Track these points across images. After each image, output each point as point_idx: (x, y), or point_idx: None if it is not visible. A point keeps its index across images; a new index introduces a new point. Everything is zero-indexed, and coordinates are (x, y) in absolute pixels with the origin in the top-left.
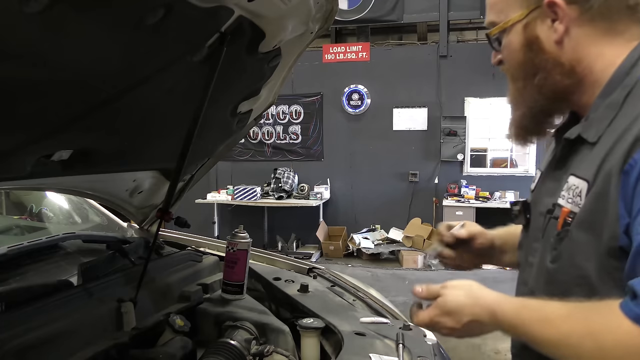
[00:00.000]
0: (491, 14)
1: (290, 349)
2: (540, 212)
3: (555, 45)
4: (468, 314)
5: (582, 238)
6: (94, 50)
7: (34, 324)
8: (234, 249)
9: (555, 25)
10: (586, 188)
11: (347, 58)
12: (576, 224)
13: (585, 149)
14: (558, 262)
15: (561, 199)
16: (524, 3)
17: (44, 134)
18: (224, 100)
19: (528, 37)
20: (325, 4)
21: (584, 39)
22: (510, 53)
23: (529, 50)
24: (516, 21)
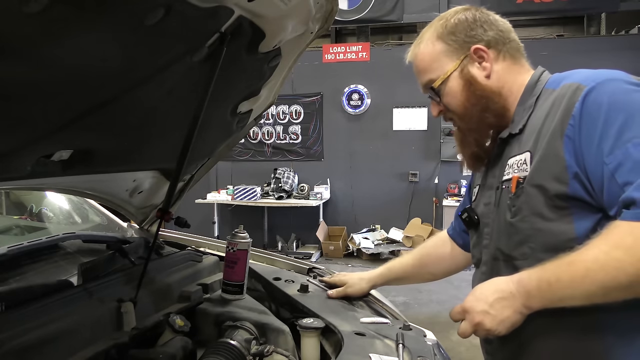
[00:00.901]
0: (426, 75)
1: (290, 349)
2: (485, 203)
3: (486, 79)
4: (493, 291)
5: (534, 190)
6: (93, 50)
7: (34, 324)
8: (234, 249)
9: (483, 64)
10: (529, 156)
11: (347, 58)
12: (529, 181)
13: (515, 139)
14: (519, 215)
15: (506, 176)
16: (453, 56)
17: (44, 134)
18: (224, 100)
19: (466, 78)
20: (325, 4)
21: (502, 71)
22: (454, 95)
23: (470, 87)
24: (452, 70)
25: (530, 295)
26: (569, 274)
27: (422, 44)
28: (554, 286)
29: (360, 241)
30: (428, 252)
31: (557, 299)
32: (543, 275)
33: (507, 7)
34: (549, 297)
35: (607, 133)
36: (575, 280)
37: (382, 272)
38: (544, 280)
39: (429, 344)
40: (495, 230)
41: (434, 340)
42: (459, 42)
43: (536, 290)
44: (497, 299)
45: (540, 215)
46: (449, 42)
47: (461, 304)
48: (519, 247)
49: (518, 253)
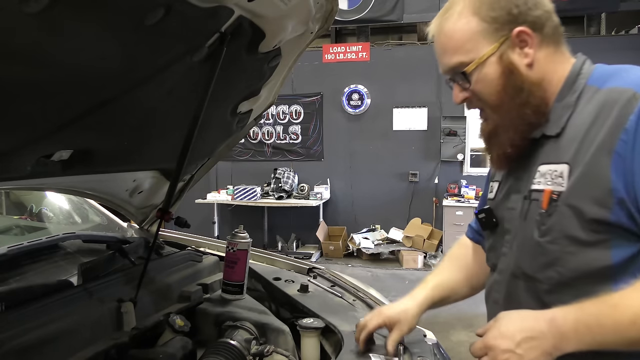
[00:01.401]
0: (456, 56)
1: (290, 349)
2: (509, 207)
3: (527, 68)
4: (522, 329)
5: (570, 211)
6: (94, 50)
7: (34, 324)
8: (234, 249)
9: (526, 50)
10: (567, 169)
11: (347, 58)
12: (564, 199)
13: (551, 142)
14: (549, 235)
15: (537, 185)
16: (492, 38)
17: (44, 134)
18: (224, 100)
19: (506, 65)
20: (325, 4)
21: (544, 59)
22: (489, 83)
23: (509, 76)
24: (489, 55)
25: (565, 337)
26: (612, 319)
27: (453, 19)
28: (594, 330)
29: (360, 241)
30: (467, 264)
31: (596, 343)
32: (581, 317)
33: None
34: (587, 341)
35: None
36: (620, 326)
37: (427, 295)
38: (582, 323)
39: (429, 344)
40: (518, 244)
41: (434, 340)
42: (499, 21)
43: (573, 332)
44: (525, 338)
45: (574, 238)
46: (487, 20)
47: (483, 338)
48: (545, 270)
49: (543, 276)
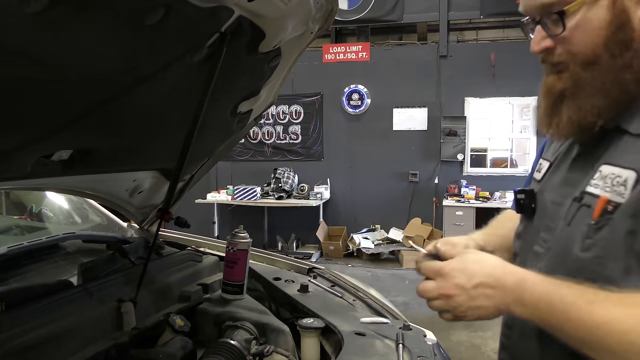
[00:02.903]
0: None
1: (290, 349)
2: (554, 201)
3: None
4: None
5: (624, 228)
6: (94, 50)
7: (34, 324)
8: (234, 249)
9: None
10: (634, 178)
11: (347, 58)
12: (621, 213)
13: (625, 140)
14: (592, 251)
15: (593, 188)
16: None
17: (44, 134)
18: (224, 100)
19: (618, 12)
20: (325, 4)
21: None
22: (589, 32)
23: (619, 27)
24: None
25: (523, 303)
26: (579, 314)
27: None
28: (554, 313)
29: (360, 241)
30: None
31: (549, 324)
32: (550, 294)
33: (508, 7)
34: (542, 317)
35: None
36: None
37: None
38: (547, 299)
39: (429, 344)
40: (556, 252)
41: (434, 340)
42: None
43: (533, 302)
44: (484, 283)
45: (619, 262)
46: None
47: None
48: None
49: None
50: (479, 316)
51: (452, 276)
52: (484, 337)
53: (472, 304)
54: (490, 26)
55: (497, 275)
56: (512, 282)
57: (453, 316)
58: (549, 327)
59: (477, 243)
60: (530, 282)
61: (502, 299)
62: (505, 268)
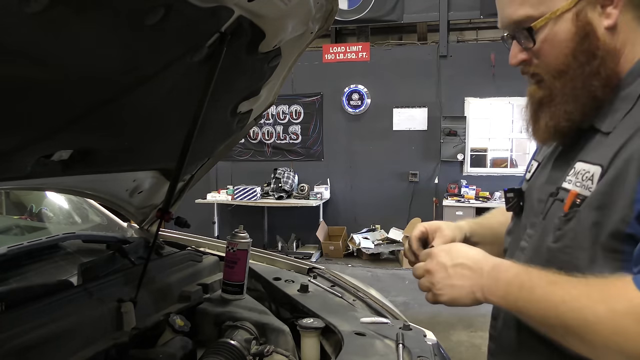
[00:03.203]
0: (523, 8)
1: (290, 349)
2: (539, 198)
3: (607, 32)
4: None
5: (590, 219)
6: (94, 50)
7: (34, 324)
8: (234, 249)
9: (609, 10)
10: (599, 172)
11: (347, 58)
12: (586, 205)
13: (597, 138)
14: (561, 242)
15: (567, 183)
16: None
17: (44, 134)
18: (224, 100)
19: (581, 24)
20: (325, 4)
21: (627, 25)
22: (557, 44)
23: (584, 38)
24: (565, 10)
25: (496, 286)
26: (542, 293)
27: None
28: (522, 294)
29: (360, 241)
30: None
31: (516, 306)
32: (520, 276)
33: None
34: (511, 301)
35: None
36: (545, 302)
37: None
38: (517, 281)
39: (429, 344)
40: (535, 245)
41: (434, 340)
42: None
43: (504, 285)
44: (463, 264)
45: (586, 251)
46: None
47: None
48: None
49: None
50: (453, 296)
51: (438, 255)
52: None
53: (449, 281)
54: (490, 26)
55: (476, 258)
56: (488, 266)
57: (432, 295)
58: (518, 311)
59: (463, 232)
60: (504, 266)
61: (477, 280)
62: (486, 255)
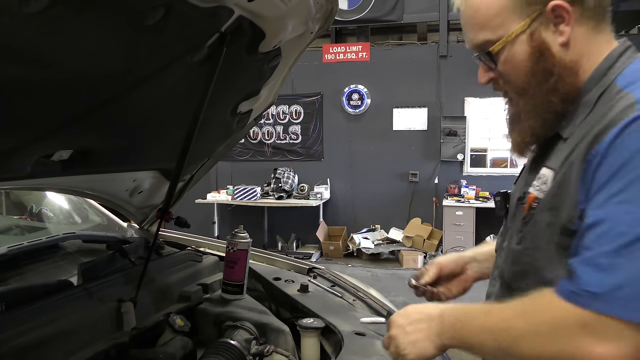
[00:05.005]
0: (482, 33)
1: (290, 349)
2: (514, 202)
3: (562, 49)
4: (418, 312)
5: (544, 220)
6: (94, 50)
7: (34, 324)
8: (234, 249)
9: (561, 27)
10: (552, 176)
11: (347, 58)
12: (540, 208)
13: (559, 144)
14: (522, 244)
15: (532, 188)
16: (523, 13)
17: (44, 134)
18: (224, 100)
19: (536, 44)
20: (325, 4)
21: (581, 38)
22: (516, 65)
23: (539, 58)
24: (519, 32)
25: (445, 329)
26: (478, 322)
27: None
28: (464, 330)
29: (360, 241)
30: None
31: (465, 344)
32: (461, 315)
33: None
34: (458, 338)
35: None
36: (480, 330)
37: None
38: (459, 320)
39: None
40: (506, 248)
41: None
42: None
43: (450, 327)
44: (418, 319)
45: (543, 251)
46: None
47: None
48: (518, 279)
49: (516, 285)
50: (418, 352)
51: (396, 321)
52: None
53: (409, 339)
54: None
55: (427, 311)
56: (436, 313)
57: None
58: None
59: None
60: (448, 310)
61: (430, 328)
62: (437, 305)
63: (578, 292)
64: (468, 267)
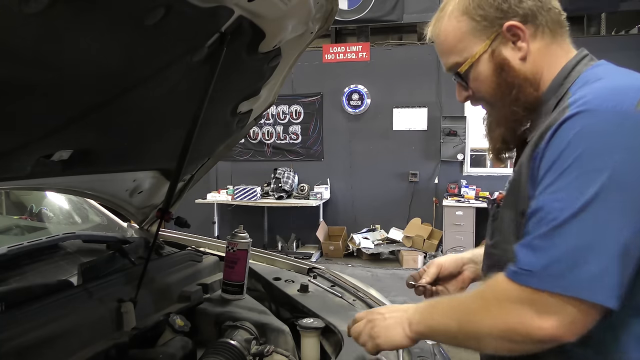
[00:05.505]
0: (451, 57)
1: (290, 349)
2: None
3: (520, 62)
4: (392, 309)
5: (507, 216)
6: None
7: (34, 324)
8: (234, 249)
9: (519, 44)
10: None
11: (347, 58)
12: (504, 205)
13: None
14: (493, 239)
15: (503, 189)
16: (483, 36)
17: (44, 134)
18: (224, 100)
19: (497, 61)
20: (325, 4)
21: (538, 53)
22: (483, 81)
23: (501, 72)
24: (482, 52)
25: (415, 314)
26: (443, 306)
27: (445, 20)
28: (432, 313)
29: (360, 241)
30: None
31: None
32: (432, 301)
33: None
34: (425, 323)
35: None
36: (446, 312)
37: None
38: (429, 305)
39: (429, 343)
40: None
41: None
42: (488, 19)
43: (420, 312)
44: (394, 309)
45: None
46: (476, 19)
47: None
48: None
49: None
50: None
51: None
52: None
53: (384, 323)
54: None
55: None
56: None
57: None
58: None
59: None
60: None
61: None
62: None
63: (518, 271)
64: (465, 268)
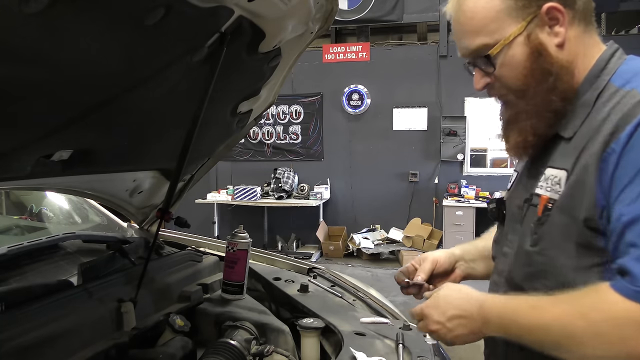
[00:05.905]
0: (478, 38)
1: (290, 349)
2: (518, 205)
3: (557, 49)
4: (454, 307)
5: (561, 221)
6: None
7: (34, 324)
8: (234, 249)
9: (556, 29)
10: (565, 176)
11: (347, 58)
12: (556, 208)
13: (562, 144)
14: (538, 245)
15: (539, 189)
16: (519, 16)
17: (44, 134)
18: (224, 100)
19: (534, 46)
20: (325, 4)
21: (574, 39)
22: (515, 67)
23: (538, 58)
24: (516, 35)
25: (489, 323)
26: (527, 320)
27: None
28: (511, 324)
29: (360, 241)
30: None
31: (513, 336)
32: (504, 310)
33: None
34: (505, 332)
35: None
36: (532, 328)
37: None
38: (503, 315)
39: (429, 343)
40: (515, 251)
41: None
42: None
43: (495, 324)
44: (455, 315)
45: (561, 251)
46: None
47: (423, 304)
48: (532, 280)
49: (529, 286)
50: (465, 341)
51: (430, 315)
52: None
53: (452, 334)
54: None
55: (462, 306)
56: (476, 309)
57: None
58: (516, 337)
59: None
60: (488, 304)
61: (473, 324)
62: (468, 296)
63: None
64: (457, 266)
